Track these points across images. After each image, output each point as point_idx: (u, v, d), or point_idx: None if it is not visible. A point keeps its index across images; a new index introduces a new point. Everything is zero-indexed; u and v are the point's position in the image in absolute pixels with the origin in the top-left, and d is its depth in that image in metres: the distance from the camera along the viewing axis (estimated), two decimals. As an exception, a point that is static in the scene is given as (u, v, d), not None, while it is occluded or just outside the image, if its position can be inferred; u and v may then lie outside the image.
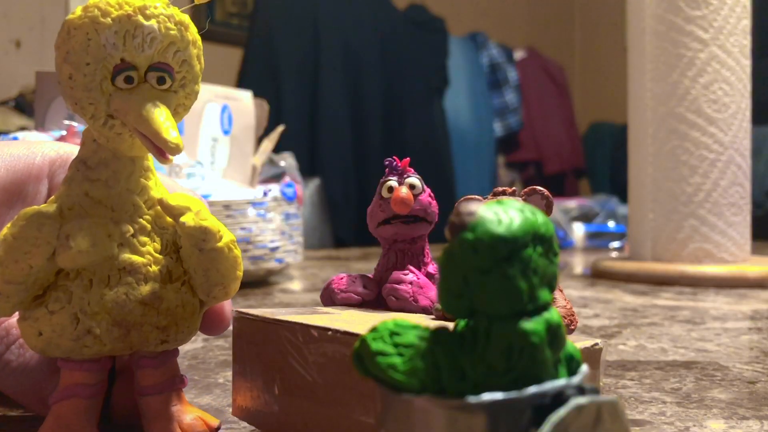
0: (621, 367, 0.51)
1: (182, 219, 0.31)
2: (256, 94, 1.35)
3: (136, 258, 0.31)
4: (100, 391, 0.31)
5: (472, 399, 0.15)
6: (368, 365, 0.16)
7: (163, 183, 0.34)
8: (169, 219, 0.32)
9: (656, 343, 0.60)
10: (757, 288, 1.01)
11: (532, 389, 0.15)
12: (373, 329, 0.16)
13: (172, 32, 0.30)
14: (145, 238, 0.31)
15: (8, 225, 0.30)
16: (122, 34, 0.29)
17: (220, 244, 0.31)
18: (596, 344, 0.28)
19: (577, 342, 0.28)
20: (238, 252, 0.32)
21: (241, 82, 2.28)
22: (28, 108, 1.50)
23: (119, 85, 0.29)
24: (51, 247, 0.29)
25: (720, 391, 0.44)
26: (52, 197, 0.31)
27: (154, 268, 0.31)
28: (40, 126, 1.00)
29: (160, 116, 0.29)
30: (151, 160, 0.32)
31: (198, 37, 0.31)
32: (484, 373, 0.15)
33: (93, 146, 0.31)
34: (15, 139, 0.93)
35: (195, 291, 0.32)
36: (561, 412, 0.15)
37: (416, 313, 0.36)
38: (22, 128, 1.23)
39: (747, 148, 1.13)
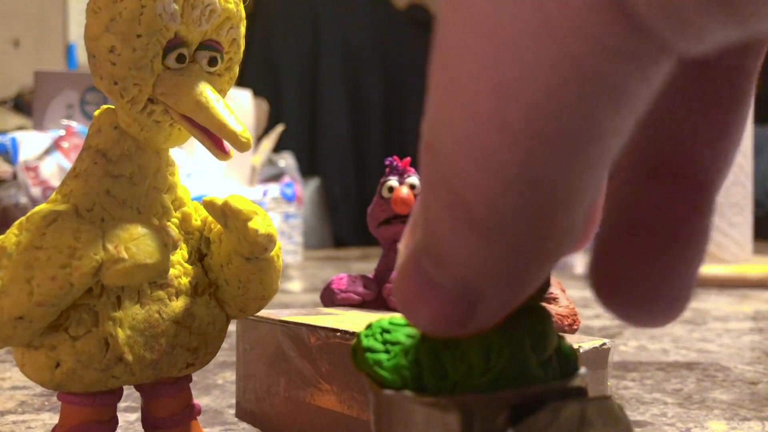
0: (622, 367, 0.51)
1: (251, 225, 0.25)
2: (256, 94, 1.35)
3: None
4: (114, 428, 0.27)
5: (446, 396, 0.15)
6: (359, 361, 0.16)
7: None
8: (195, 222, 0.27)
9: (657, 344, 0.60)
10: (758, 288, 1.00)
11: (508, 390, 0.15)
12: (368, 326, 0.16)
13: (229, 5, 0.25)
14: None
15: (13, 231, 0.24)
16: (181, 2, 0.24)
17: (272, 253, 0.27)
18: (604, 344, 0.28)
19: (584, 342, 0.28)
20: (281, 261, 0.28)
21: (241, 82, 2.28)
22: (26, 108, 1.50)
23: (169, 65, 0.25)
24: (96, 260, 0.24)
25: (721, 392, 0.44)
26: (56, 194, 0.26)
27: (185, 280, 0.27)
28: (39, 126, 1.00)
29: (220, 104, 0.24)
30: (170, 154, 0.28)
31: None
32: (464, 373, 0.15)
33: (114, 134, 0.25)
34: (12, 139, 0.93)
35: (222, 305, 0.28)
36: (536, 415, 0.14)
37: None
38: (20, 128, 1.23)
39: (749, 148, 1.12)
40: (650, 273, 0.16)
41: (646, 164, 0.16)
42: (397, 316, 0.17)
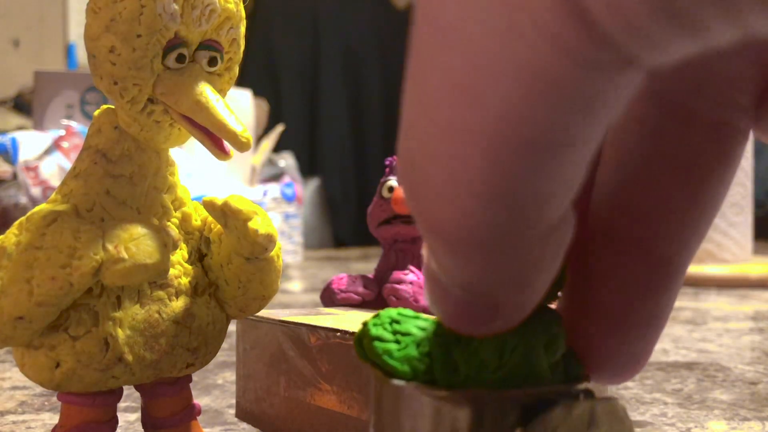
0: (622, 367, 0.51)
1: (251, 225, 0.25)
2: (256, 94, 1.35)
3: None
4: (114, 428, 0.27)
5: (457, 390, 0.15)
6: (366, 350, 0.16)
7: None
8: (195, 222, 0.28)
9: (658, 344, 0.60)
10: (758, 288, 1.00)
11: (521, 388, 0.15)
12: (376, 315, 0.16)
13: (229, 5, 0.26)
14: None
15: (13, 231, 0.24)
16: (181, 2, 0.24)
17: (272, 253, 0.27)
18: None
19: None
20: (281, 261, 0.28)
21: (241, 82, 2.28)
22: (26, 108, 1.50)
23: (169, 65, 0.25)
24: (96, 260, 0.24)
25: (721, 392, 0.44)
26: (56, 194, 0.26)
27: (185, 281, 0.27)
28: (39, 126, 1.00)
29: (220, 104, 0.25)
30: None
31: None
32: (476, 368, 0.15)
33: (114, 134, 0.25)
34: (12, 139, 0.93)
35: (222, 305, 0.28)
36: (549, 413, 0.14)
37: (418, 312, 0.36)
38: (20, 128, 1.23)
39: (748, 148, 1.12)
40: (601, 344, 0.16)
41: (609, 231, 0.16)
42: (404, 309, 0.17)
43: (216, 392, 0.44)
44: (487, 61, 0.11)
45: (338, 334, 0.30)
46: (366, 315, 0.35)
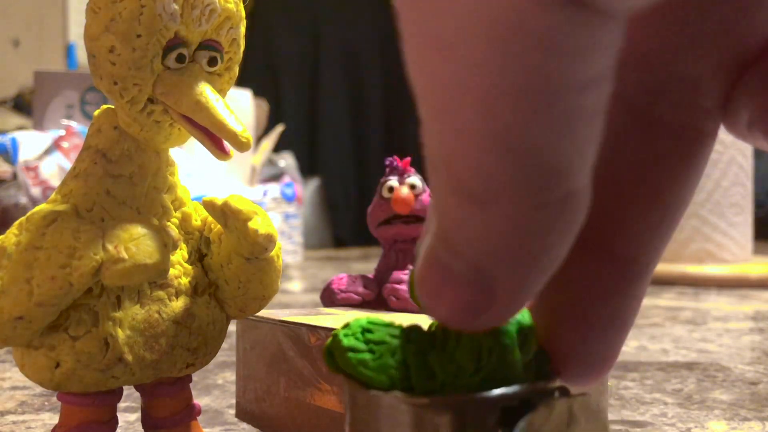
0: (622, 367, 0.51)
1: (251, 225, 0.25)
2: (256, 94, 1.35)
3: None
4: (114, 428, 0.27)
5: (438, 397, 0.15)
6: (339, 361, 0.16)
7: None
8: (195, 222, 0.28)
9: (658, 344, 0.60)
10: (759, 288, 1.00)
11: (500, 390, 0.15)
12: (346, 325, 0.16)
13: (229, 5, 0.26)
14: None
15: (13, 231, 0.25)
16: (181, 2, 0.24)
17: (272, 253, 0.27)
18: None
19: None
20: (281, 261, 0.28)
21: (241, 82, 2.28)
22: (26, 108, 1.50)
23: (169, 65, 0.25)
24: (96, 260, 0.24)
25: (721, 392, 0.44)
26: (56, 194, 0.26)
27: (185, 281, 0.27)
28: (39, 126, 1.00)
29: (220, 104, 0.25)
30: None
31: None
32: (453, 373, 0.15)
33: (114, 134, 0.25)
34: (12, 139, 0.93)
35: (222, 305, 0.28)
36: (530, 414, 0.15)
37: (417, 313, 0.36)
38: (20, 128, 1.23)
39: (749, 148, 1.12)
40: (567, 344, 0.16)
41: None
42: (376, 316, 0.17)
43: (216, 392, 0.44)
44: (461, 14, 0.11)
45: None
46: (366, 315, 0.35)
